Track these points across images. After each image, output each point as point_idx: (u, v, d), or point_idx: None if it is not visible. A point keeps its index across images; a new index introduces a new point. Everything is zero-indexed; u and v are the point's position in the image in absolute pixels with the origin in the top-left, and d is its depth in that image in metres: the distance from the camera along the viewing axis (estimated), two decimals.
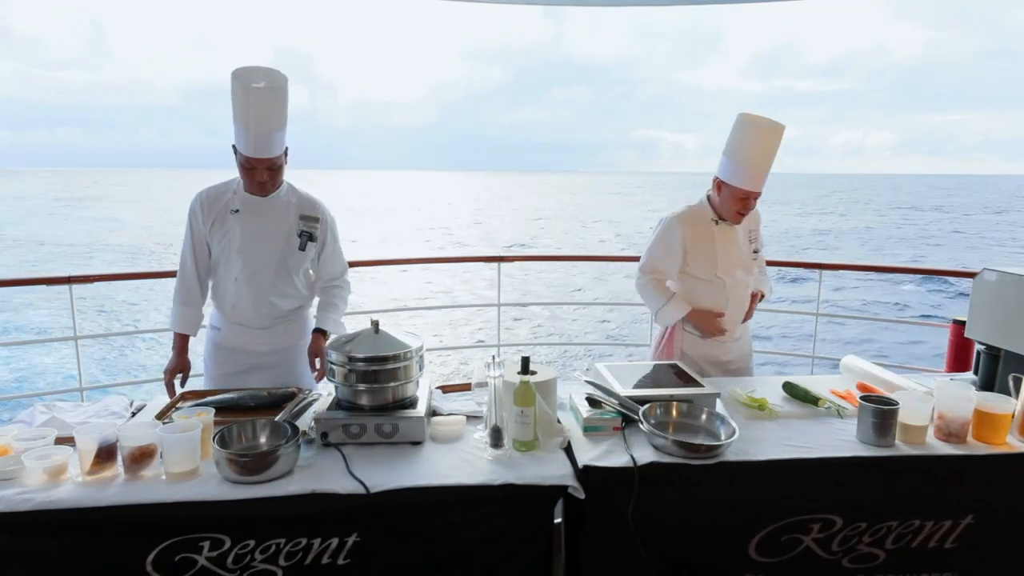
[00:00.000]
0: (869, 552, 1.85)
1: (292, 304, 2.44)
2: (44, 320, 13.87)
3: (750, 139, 2.39)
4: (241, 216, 2.31)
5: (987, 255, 27.78)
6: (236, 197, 2.34)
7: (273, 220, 2.35)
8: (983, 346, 2.36)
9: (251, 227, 2.32)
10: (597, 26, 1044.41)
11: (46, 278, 3.52)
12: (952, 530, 1.86)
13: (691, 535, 1.81)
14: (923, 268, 6.04)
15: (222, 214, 2.33)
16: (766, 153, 2.39)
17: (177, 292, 2.41)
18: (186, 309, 2.40)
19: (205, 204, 2.34)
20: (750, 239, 2.61)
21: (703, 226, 2.53)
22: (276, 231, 2.35)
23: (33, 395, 6.81)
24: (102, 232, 33.59)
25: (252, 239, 2.32)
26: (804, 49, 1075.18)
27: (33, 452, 1.66)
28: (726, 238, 2.54)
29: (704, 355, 2.62)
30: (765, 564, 1.83)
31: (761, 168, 2.40)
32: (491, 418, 1.84)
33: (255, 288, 2.34)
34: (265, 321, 2.39)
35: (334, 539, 1.65)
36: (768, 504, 1.81)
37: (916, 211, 55.75)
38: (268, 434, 1.81)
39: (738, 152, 2.40)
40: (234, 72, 2.16)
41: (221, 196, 2.35)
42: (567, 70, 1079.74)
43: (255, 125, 2.15)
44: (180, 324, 2.40)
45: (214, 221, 2.33)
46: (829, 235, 36.19)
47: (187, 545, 1.59)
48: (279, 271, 2.37)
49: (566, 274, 18.89)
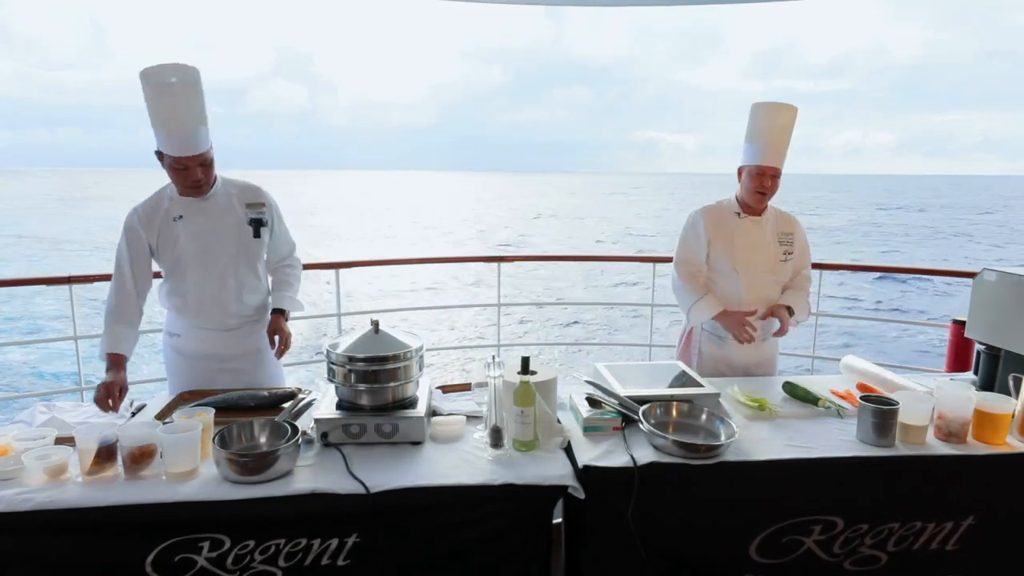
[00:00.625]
0: (871, 555, 1.85)
1: (260, 298, 2.42)
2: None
3: (762, 119, 2.46)
4: (185, 221, 2.25)
5: (953, 252, 27.85)
6: (174, 203, 2.26)
7: (219, 216, 2.29)
8: (983, 346, 2.36)
9: (199, 229, 2.26)
10: (597, 26, 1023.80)
11: (46, 278, 3.52)
12: (954, 532, 1.86)
13: (691, 535, 1.81)
14: (923, 268, 6.04)
15: (164, 224, 2.25)
16: (777, 129, 2.43)
17: (111, 312, 2.26)
18: (124, 329, 2.25)
19: (143, 218, 2.26)
20: (780, 241, 2.58)
21: (726, 219, 2.56)
22: (226, 227, 2.29)
23: (33, 395, 6.81)
24: (101, 231, 33.54)
25: (203, 241, 2.27)
26: (804, 49, 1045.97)
27: (33, 452, 1.66)
28: (748, 232, 2.54)
29: (722, 358, 2.60)
30: (766, 565, 1.83)
31: (773, 144, 2.43)
32: (491, 418, 1.84)
33: (219, 288, 2.30)
34: (233, 321, 2.34)
35: (334, 539, 1.65)
36: (768, 504, 1.81)
37: (904, 211, 55.77)
38: (268, 434, 1.81)
39: (752, 134, 2.47)
40: (142, 73, 2.07)
41: (158, 206, 2.27)
42: (567, 70, 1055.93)
43: (177, 124, 2.08)
44: (117, 345, 2.21)
45: (158, 233, 2.26)
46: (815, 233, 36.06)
47: (187, 545, 1.59)
48: (239, 265, 2.32)
49: (566, 274, 18.92)
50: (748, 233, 2.55)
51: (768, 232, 2.57)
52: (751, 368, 2.61)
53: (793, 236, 2.61)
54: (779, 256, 2.58)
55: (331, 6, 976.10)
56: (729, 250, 2.54)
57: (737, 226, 2.55)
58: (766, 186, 2.47)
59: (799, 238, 2.63)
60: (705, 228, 2.56)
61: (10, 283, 3.56)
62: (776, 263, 2.58)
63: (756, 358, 2.63)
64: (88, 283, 3.27)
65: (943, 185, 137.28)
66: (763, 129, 2.45)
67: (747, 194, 2.52)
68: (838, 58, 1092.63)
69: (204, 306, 2.30)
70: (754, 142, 2.47)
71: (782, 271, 2.59)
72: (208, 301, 2.30)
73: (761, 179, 2.46)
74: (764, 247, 2.56)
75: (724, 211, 2.58)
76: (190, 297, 2.30)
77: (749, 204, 2.54)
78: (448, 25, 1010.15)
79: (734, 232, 2.54)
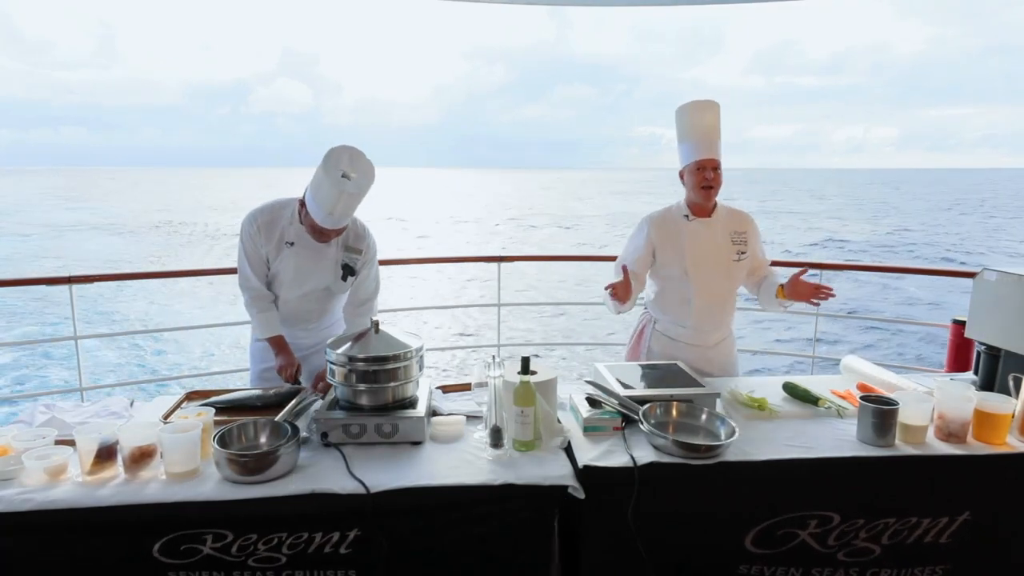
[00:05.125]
0: (865, 547, 1.85)
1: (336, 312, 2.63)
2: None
3: (688, 118, 2.47)
4: (295, 250, 2.39)
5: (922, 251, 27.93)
6: (292, 229, 2.38)
7: (323, 255, 2.42)
8: (983, 346, 2.36)
9: (302, 260, 2.40)
10: (600, 25, 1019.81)
11: (46, 278, 3.51)
12: (948, 526, 1.86)
13: (691, 535, 1.81)
14: (923, 268, 6.03)
15: (278, 243, 2.40)
16: (705, 126, 2.44)
17: (250, 304, 2.47)
18: (266, 315, 2.46)
19: (263, 229, 2.39)
20: (733, 240, 2.53)
21: (674, 224, 2.53)
22: (324, 264, 2.43)
23: (33, 395, 6.81)
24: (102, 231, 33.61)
25: (302, 272, 2.42)
26: (806, 46, 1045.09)
27: (33, 452, 1.66)
28: (697, 235, 2.51)
29: (672, 356, 2.56)
30: (760, 556, 1.83)
31: (705, 138, 2.43)
32: (491, 418, 1.85)
33: (303, 307, 2.50)
34: (313, 325, 2.57)
35: (335, 534, 1.65)
36: (768, 504, 1.81)
37: (882, 204, 55.62)
38: (268, 434, 1.81)
39: (683, 135, 2.48)
40: (328, 154, 2.16)
41: (276, 223, 2.40)
42: (570, 68, 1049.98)
43: (333, 208, 2.17)
44: (268, 329, 2.45)
45: (272, 248, 2.41)
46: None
47: (190, 539, 1.60)
48: (325, 295, 2.51)
49: (566, 273, 18.90)
50: (697, 236, 2.51)
51: (719, 233, 2.52)
52: (704, 368, 2.53)
53: (747, 235, 2.55)
54: (732, 256, 2.52)
55: (337, 7, 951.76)
56: (679, 254, 2.50)
57: (685, 229, 2.51)
58: (709, 179, 2.43)
59: (756, 236, 2.59)
60: (650, 236, 2.53)
61: (10, 283, 3.56)
62: (729, 263, 2.53)
63: (708, 357, 2.57)
64: (88, 283, 3.27)
65: (928, 177, 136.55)
66: (692, 127, 2.45)
67: (693, 193, 2.49)
68: (840, 54, 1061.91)
69: (287, 319, 2.51)
70: (686, 142, 2.46)
71: (736, 271, 2.54)
72: (291, 316, 2.51)
73: (702, 173, 2.43)
74: (715, 249, 2.51)
75: (672, 216, 2.55)
76: (278, 307, 2.49)
77: (698, 203, 2.50)
78: (451, 25, 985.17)
79: (683, 236, 2.51)
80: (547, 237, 33.87)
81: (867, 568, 1.87)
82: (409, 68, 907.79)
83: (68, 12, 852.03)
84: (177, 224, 37.46)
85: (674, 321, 2.58)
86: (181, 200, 59.67)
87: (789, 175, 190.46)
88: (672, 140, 2.58)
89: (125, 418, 2.06)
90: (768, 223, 35.85)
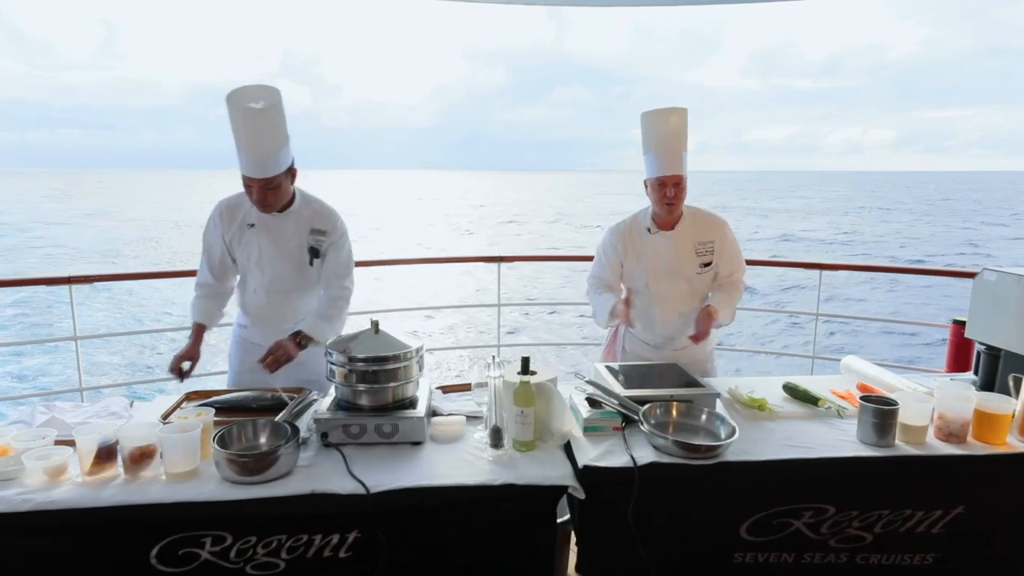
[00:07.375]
0: (857, 535, 1.86)
1: (314, 304, 2.49)
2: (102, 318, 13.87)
3: (652, 127, 2.38)
4: (257, 231, 2.37)
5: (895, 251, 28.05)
6: (252, 211, 2.36)
7: (286, 235, 2.37)
8: (983, 346, 2.36)
9: (265, 241, 2.37)
10: (598, 27, 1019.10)
11: (46, 278, 3.52)
12: (942, 518, 1.86)
13: (691, 535, 1.81)
14: (923, 268, 6.02)
15: (240, 227, 2.38)
16: (669, 136, 2.36)
17: (197, 286, 2.48)
18: (206, 303, 2.46)
19: (224, 215, 2.39)
20: (698, 251, 2.48)
21: (637, 237, 2.52)
22: (288, 246, 2.38)
23: (33, 395, 6.81)
24: (103, 231, 33.61)
25: (267, 254, 2.38)
26: (802, 47, 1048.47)
27: (33, 452, 1.66)
28: (658, 249, 2.49)
29: (643, 358, 2.58)
30: (754, 543, 1.84)
31: (668, 152, 2.35)
32: (491, 418, 1.85)
33: (276, 297, 2.43)
34: (288, 324, 2.42)
35: (335, 535, 1.65)
36: (768, 504, 1.81)
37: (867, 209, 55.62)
38: (268, 434, 1.81)
39: (646, 145, 2.40)
40: (228, 96, 2.14)
41: (239, 208, 2.39)
42: (568, 70, 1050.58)
43: (253, 147, 2.15)
44: (200, 315, 2.45)
45: (234, 233, 2.39)
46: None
47: (189, 542, 1.60)
48: (298, 281, 2.43)
49: (565, 273, 18.90)
50: (658, 250, 2.48)
51: (682, 245, 2.48)
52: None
53: (714, 244, 2.49)
54: (695, 268, 2.49)
55: (337, 9, 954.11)
56: (641, 268, 2.51)
57: (647, 243, 2.50)
58: (670, 196, 2.37)
59: (725, 243, 2.51)
60: (615, 249, 2.53)
61: (10, 283, 3.56)
62: (692, 276, 2.49)
63: (677, 357, 2.54)
64: (88, 283, 3.27)
65: (918, 180, 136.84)
66: (655, 138, 2.36)
67: (656, 207, 2.45)
68: (836, 56, 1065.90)
69: (262, 311, 2.46)
70: (650, 153, 2.39)
71: (699, 283, 2.51)
72: (265, 306, 2.45)
73: (663, 190, 2.37)
74: (677, 262, 2.48)
75: (636, 227, 2.53)
76: (249, 298, 2.47)
77: (660, 215, 2.47)
78: (450, 27, 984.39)
79: (644, 249, 2.50)
80: (548, 237, 33.87)
81: (857, 553, 1.88)
82: (408, 69, 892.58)
83: (70, 13, 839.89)
84: (182, 225, 37.49)
85: (642, 327, 2.59)
86: (182, 201, 59.68)
87: (790, 176, 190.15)
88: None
89: (125, 418, 2.06)
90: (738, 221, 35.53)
